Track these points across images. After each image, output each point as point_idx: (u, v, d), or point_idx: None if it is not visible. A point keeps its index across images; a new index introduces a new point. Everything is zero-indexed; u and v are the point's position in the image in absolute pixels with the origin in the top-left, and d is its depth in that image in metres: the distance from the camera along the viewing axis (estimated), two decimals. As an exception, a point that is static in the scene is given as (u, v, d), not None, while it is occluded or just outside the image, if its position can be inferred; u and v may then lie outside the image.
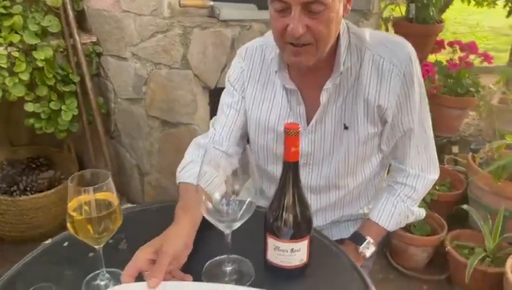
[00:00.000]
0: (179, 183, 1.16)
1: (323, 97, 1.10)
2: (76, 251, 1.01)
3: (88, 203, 0.82)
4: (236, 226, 0.89)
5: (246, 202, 0.89)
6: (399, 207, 1.19)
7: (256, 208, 0.89)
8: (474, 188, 2.08)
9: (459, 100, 2.41)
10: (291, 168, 0.87)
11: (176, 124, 2.07)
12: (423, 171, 1.20)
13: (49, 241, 1.03)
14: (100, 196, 0.83)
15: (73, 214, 0.83)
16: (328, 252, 1.01)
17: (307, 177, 1.19)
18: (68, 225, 0.84)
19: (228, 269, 0.94)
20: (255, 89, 1.19)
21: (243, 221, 0.89)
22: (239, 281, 0.91)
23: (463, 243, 1.96)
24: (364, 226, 1.21)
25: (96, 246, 0.87)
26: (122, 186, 2.35)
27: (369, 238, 1.16)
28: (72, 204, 0.83)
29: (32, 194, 2.21)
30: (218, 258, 0.97)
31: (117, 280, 0.90)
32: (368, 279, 0.95)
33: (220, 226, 0.89)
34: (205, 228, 0.97)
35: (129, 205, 2.26)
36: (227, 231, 0.90)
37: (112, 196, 0.84)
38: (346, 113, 1.11)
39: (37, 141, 2.54)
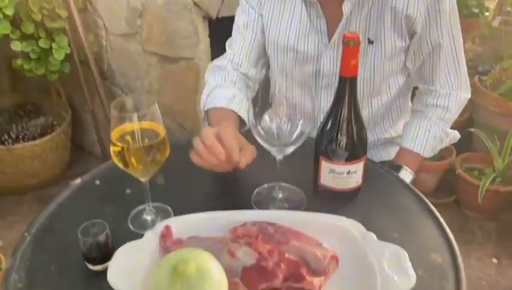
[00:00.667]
0: (207, 110, 1.10)
1: (346, 8, 1.01)
2: (110, 188, 0.94)
3: (133, 132, 0.75)
4: (289, 151, 0.83)
5: (299, 125, 0.83)
6: (433, 131, 1.15)
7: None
8: (481, 110, 2.08)
9: (463, 22, 2.35)
10: (348, 84, 0.81)
11: (176, 59, 1.95)
12: (454, 89, 1.15)
13: (78, 180, 0.96)
14: (146, 125, 0.76)
15: (119, 143, 0.75)
16: (376, 174, 0.98)
17: (329, 100, 1.13)
18: (113, 155, 0.77)
19: (280, 196, 0.89)
20: (273, 4, 1.10)
21: (296, 146, 0.83)
22: (291, 209, 0.88)
23: (472, 165, 1.98)
24: (399, 155, 1.17)
25: (142, 179, 0.81)
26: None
27: (405, 167, 1.12)
28: (115, 133, 0.75)
29: (25, 142, 2.10)
30: (267, 185, 0.93)
31: (165, 214, 0.85)
32: (422, 196, 0.92)
33: (273, 151, 0.84)
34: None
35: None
36: (279, 156, 0.84)
37: (159, 125, 0.77)
38: (371, 26, 1.04)
39: (21, 88, 2.38)
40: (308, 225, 0.77)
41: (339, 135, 0.84)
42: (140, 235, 0.77)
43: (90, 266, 0.74)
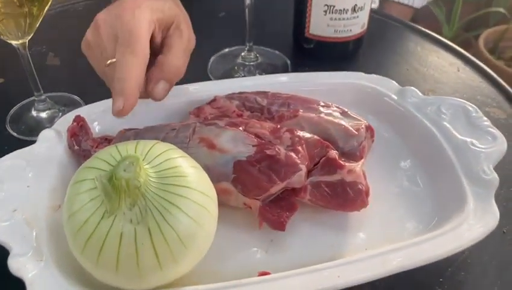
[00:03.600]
0: None
1: None
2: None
3: None
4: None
5: None
6: None
7: None
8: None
9: None
10: None
11: None
12: None
13: None
14: None
15: None
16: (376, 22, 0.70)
17: None
18: None
19: (249, 62, 0.59)
20: None
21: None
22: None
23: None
24: None
25: (15, 42, 0.44)
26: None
27: None
28: None
29: None
30: (228, 49, 0.61)
31: (70, 108, 0.51)
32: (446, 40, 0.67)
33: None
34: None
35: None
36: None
37: None
38: None
39: None
40: (313, 92, 0.48)
41: None
42: (30, 143, 0.44)
43: None
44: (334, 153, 0.39)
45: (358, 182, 0.38)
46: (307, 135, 0.40)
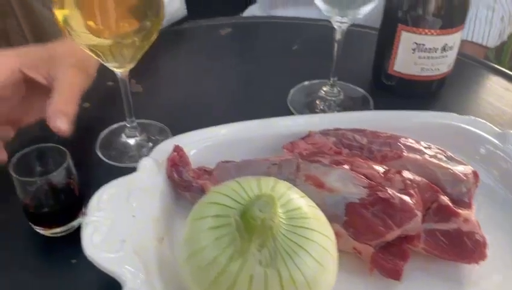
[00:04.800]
0: None
1: None
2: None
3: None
4: (364, 12, 0.51)
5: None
6: None
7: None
8: None
9: None
10: None
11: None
12: None
13: None
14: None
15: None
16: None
17: None
18: (57, 12, 0.40)
19: (330, 97, 0.58)
20: None
21: (372, 5, 0.50)
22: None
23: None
24: None
25: (119, 70, 0.45)
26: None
27: None
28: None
29: None
30: (308, 82, 0.61)
31: (158, 134, 0.51)
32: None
33: (332, 14, 0.51)
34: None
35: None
36: (342, 25, 0.52)
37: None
38: None
39: None
40: (403, 131, 0.47)
41: (432, -13, 0.52)
42: (121, 170, 0.44)
43: (41, 230, 0.40)
44: (446, 199, 0.37)
45: (475, 232, 0.36)
46: (417, 178, 0.38)
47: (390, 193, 0.36)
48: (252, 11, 1.06)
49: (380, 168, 0.38)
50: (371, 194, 0.36)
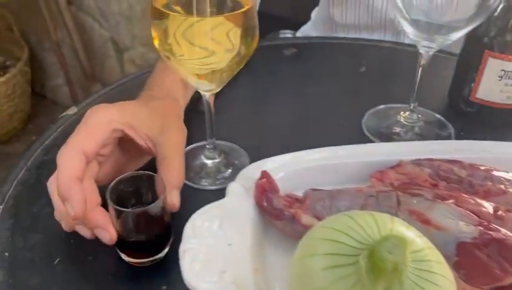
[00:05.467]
0: None
1: None
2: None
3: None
4: (456, 37, 0.48)
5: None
6: None
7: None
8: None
9: None
10: None
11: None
12: None
13: (73, 110, 0.59)
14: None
15: (173, 12, 0.38)
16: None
17: None
18: (156, 39, 0.39)
19: (408, 121, 0.56)
20: None
21: (474, 24, 0.47)
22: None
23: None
24: None
25: (207, 94, 0.44)
26: (94, 68, 1.81)
27: None
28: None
29: (-28, 86, 1.64)
30: (385, 106, 0.59)
31: (234, 157, 0.50)
32: None
33: (420, 41, 0.49)
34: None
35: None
36: (428, 49, 0.50)
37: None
38: None
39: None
40: (500, 162, 0.44)
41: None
42: (200, 193, 0.43)
43: (127, 258, 0.39)
44: (559, 241, 0.35)
45: None
46: (527, 218, 0.36)
47: (503, 233, 0.34)
48: (305, 31, 1.04)
49: (489, 205, 0.36)
50: (483, 233, 0.34)
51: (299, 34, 1.07)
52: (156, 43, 0.39)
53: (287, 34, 2.18)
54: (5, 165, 1.80)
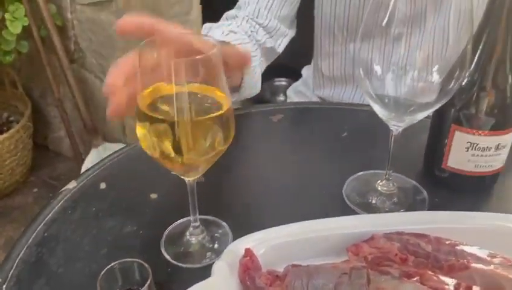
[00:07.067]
0: None
1: None
2: (124, 194, 0.62)
3: (180, 96, 0.43)
4: (420, 118, 0.53)
5: (434, 73, 0.53)
6: None
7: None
8: None
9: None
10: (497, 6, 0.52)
11: (162, 31, 1.60)
12: None
13: (72, 184, 0.63)
14: (197, 88, 0.44)
15: (156, 115, 0.43)
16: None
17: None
18: (141, 138, 0.44)
19: (384, 189, 0.60)
20: None
21: (435, 106, 0.52)
22: (409, 208, 0.59)
23: None
24: None
25: (188, 179, 0.48)
26: (96, 122, 1.87)
27: None
28: (144, 98, 0.43)
29: (-25, 142, 1.69)
30: (362, 173, 0.63)
31: (218, 233, 0.54)
32: None
33: (390, 120, 0.54)
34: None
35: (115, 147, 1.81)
36: (398, 127, 0.54)
37: (217, 89, 0.45)
38: None
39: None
40: (465, 234, 0.48)
41: (487, 87, 0.55)
42: (187, 271, 0.47)
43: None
44: (517, 316, 0.38)
45: None
46: (487, 294, 0.39)
47: (463, 311, 0.37)
48: (296, 87, 1.10)
49: (450, 282, 0.39)
50: (444, 311, 0.37)
51: (289, 91, 1.13)
52: (140, 140, 0.44)
53: (282, 81, 2.24)
54: (7, 220, 1.83)
